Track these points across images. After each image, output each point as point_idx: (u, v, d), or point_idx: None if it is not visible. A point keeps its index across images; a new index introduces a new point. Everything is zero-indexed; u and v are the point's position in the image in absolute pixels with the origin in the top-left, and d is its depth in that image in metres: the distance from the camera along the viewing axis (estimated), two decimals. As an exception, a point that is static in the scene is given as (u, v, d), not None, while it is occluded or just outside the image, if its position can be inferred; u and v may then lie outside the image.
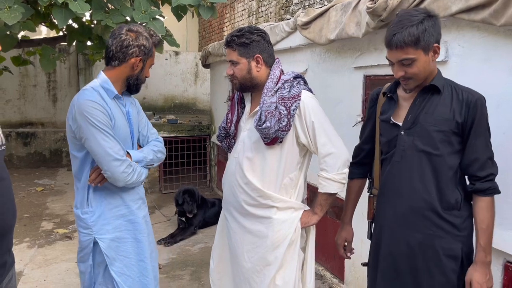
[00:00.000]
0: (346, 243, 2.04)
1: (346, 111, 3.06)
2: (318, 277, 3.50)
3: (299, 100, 1.87)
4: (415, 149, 1.62)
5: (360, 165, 1.96)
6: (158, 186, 6.40)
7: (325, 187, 1.92)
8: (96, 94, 1.89)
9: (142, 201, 2.14)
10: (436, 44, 1.55)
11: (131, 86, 2.02)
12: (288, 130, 1.87)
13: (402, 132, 1.65)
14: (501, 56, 1.90)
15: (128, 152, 1.97)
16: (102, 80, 1.94)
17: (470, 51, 2.07)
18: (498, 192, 1.59)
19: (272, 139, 1.87)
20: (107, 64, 1.98)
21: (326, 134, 1.88)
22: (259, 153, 1.94)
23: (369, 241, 1.91)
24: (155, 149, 2.12)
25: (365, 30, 2.53)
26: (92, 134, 1.83)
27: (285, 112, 1.85)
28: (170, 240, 4.35)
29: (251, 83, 1.96)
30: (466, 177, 1.65)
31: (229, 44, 1.95)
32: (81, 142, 1.89)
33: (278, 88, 1.89)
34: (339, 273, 3.29)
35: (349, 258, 2.08)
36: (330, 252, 3.40)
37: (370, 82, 2.88)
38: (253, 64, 1.93)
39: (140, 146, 2.13)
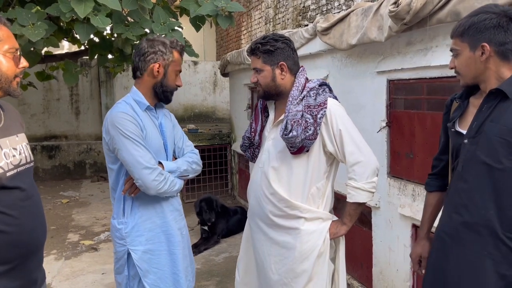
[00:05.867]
0: (421, 259, 1.84)
1: (370, 117, 3.01)
2: (345, 286, 3.44)
3: (325, 108, 1.84)
4: (477, 160, 1.47)
5: (439, 177, 1.78)
6: (181, 195, 6.42)
7: (354, 197, 1.87)
8: (128, 107, 1.95)
9: (178, 213, 2.14)
10: (484, 44, 1.42)
11: (159, 95, 2.03)
12: (315, 138, 1.84)
13: (466, 141, 1.52)
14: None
15: (160, 162, 2.00)
16: (133, 93, 2.01)
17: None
18: None
19: (298, 148, 1.84)
20: (134, 77, 2.03)
21: (354, 142, 1.84)
22: (285, 163, 1.91)
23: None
24: (189, 160, 2.13)
25: (388, 34, 2.49)
26: (124, 144, 1.87)
27: (312, 120, 1.82)
28: (193, 250, 4.33)
29: (275, 91, 1.94)
30: None
31: (253, 51, 1.94)
32: (114, 153, 1.94)
33: (304, 96, 1.87)
34: (367, 282, 3.22)
35: (422, 273, 1.85)
36: (357, 261, 3.33)
37: (394, 86, 2.83)
38: (278, 71, 1.92)
39: (175, 159, 2.15)
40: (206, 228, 4.66)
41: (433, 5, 2.13)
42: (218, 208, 4.72)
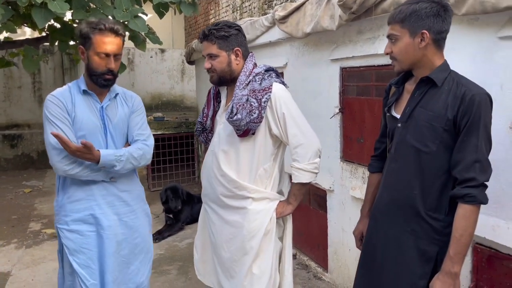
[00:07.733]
0: (363, 236, 1.93)
1: (325, 103, 3.11)
2: (303, 267, 3.56)
3: (270, 92, 1.90)
4: (407, 143, 1.58)
5: (380, 159, 1.86)
6: (147, 184, 6.42)
7: (297, 177, 1.96)
8: (66, 91, 2.02)
9: (115, 198, 2.07)
10: (424, 31, 1.48)
11: (90, 79, 2.00)
12: (260, 122, 1.91)
13: (399, 125, 1.62)
14: (464, 45, 1.95)
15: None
16: (80, 78, 2.07)
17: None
18: (480, 202, 1.44)
19: (244, 131, 1.91)
20: None
21: (297, 125, 1.92)
22: (233, 146, 1.98)
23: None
24: (133, 153, 2.04)
25: (339, 22, 2.58)
26: (44, 125, 1.96)
27: (256, 104, 1.89)
28: (157, 236, 4.39)
29: (230, 76, 1.99)
30: None
31: (207, 37, 1.95)
32: None
33: (250, 81, 1.93)
34: (323, 262, 3.35)
35: None
36: (314, 243, 3.46)
37: (346, 74, 2.93)
38: (233, 57, 1.96)
39: (129, 145, 2.11)
40: (170, 215, 4.70)
41: (378, -5, 2.23)
42: (184, 196, 4.76)
